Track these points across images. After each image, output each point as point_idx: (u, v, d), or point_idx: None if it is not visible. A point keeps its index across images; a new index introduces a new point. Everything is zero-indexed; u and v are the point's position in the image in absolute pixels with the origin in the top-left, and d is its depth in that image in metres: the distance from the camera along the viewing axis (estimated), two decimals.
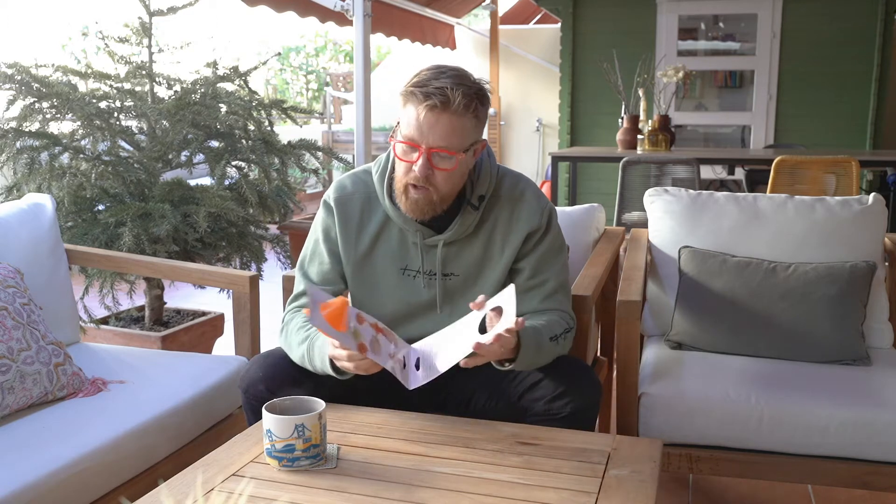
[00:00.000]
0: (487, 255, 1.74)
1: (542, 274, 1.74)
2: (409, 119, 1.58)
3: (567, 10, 7.02)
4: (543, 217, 1.74)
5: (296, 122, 3.36)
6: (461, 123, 1.57)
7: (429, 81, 1.56)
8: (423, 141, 1.57)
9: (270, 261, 3.37)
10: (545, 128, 8.41)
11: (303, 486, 1.37)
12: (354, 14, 4.52)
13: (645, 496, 1.34)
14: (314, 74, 12.73)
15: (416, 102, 1.56)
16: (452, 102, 1.54)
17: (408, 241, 1.74)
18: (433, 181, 1.60)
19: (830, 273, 2.17)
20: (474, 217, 1.71)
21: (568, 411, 1.62)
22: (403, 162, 1.62)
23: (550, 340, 1.63)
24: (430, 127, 1.56)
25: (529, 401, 1.66)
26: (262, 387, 1.68)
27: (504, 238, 1.73)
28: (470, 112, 1.58)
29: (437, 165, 1.59)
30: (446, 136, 1.57)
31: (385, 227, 1.75)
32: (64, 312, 2.27)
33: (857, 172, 4.32)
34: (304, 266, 1.82)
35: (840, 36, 6.49)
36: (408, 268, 1.75)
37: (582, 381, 1.66)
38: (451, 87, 1.54)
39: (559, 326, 1.68)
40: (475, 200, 1.70)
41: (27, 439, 1.68)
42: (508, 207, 1.73)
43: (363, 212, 1.76)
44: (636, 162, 4.69)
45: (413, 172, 1.60)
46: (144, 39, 3.04)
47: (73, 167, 2.86)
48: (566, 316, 1.74)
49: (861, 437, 1.85)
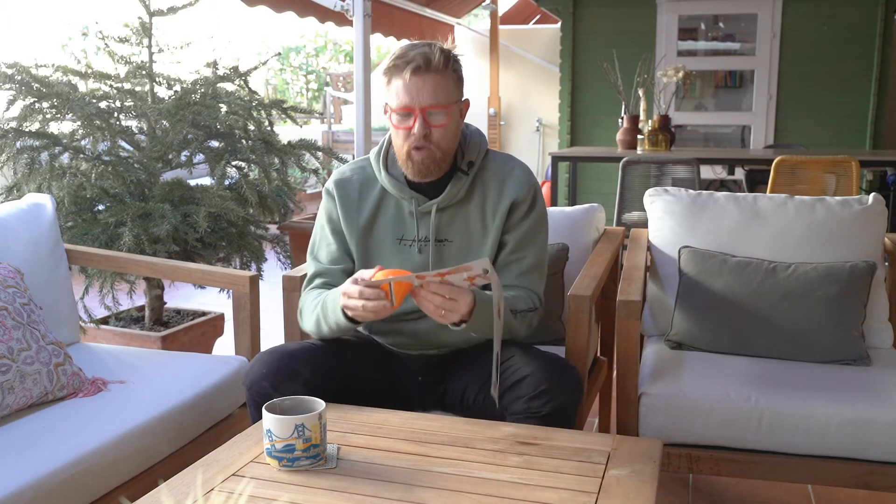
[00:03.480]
0: (479, 223, 1.83)
1: (523, 250, 1.84)
2: (398, 90, 1.71)
3: (567, 10, 7.02)
4: (530, 191, 1.84)
5: (296, 122, 3.36)
6: (444, 80, 1.72)
7: (406, 52, 1.71)
8: (415, 103, 1.70)
9: (270, 261, 3.37)
10: (545, 128, 8.41)
11: (303, 486, 1.37)
12: (354, 14, 4.52)
13: (645, 496, 1.34)
14: (314, 74, 12.74)
15: (399, 72, 1.70)
16: (433, 60, 1.69)
17: (404, 212, 1.84)
18: (432, 138, 1.73)
19: (830, 273, 2.17)
20: (465, 182, 1.81)
21: (547, 411, 1.63)
22: (401, 130, 1.74)
23: (512, 312, 1.73)
24: (418, 89, 1.69)
25: (510, 399, 1.67)
26: (265, 383, 1.69)
27: (494, 207, 1.82)
28: (450, 68, 1.73)
29: (432, 123, 1.72)
30: (435, 93, 1.70)
31: (382, 201, 1.85)
32: (64, 312, 2.27)
33: (857, 172, 4.32)
34: (315, 251, 1.93)
35: (840, 36, 6.49)
36: (404, 237, 1.84)
37: (562, 381, 1.66)
38: (429, 48, 1.70)
39: (523, 303, 1.79)
40: (464, 166, 1.82)
41: (27, 439, 1.68)
42: (498, 179, 1.84)
43: (361, 190, 1.87)
44: (636, 162, 4.69)
45: (413, 135, 1.72)
46: (144, 39, 3.04)
47: (73, 167, 2.86)
48: (534, 296, 1.83)
49: (861, 437, 1.85)
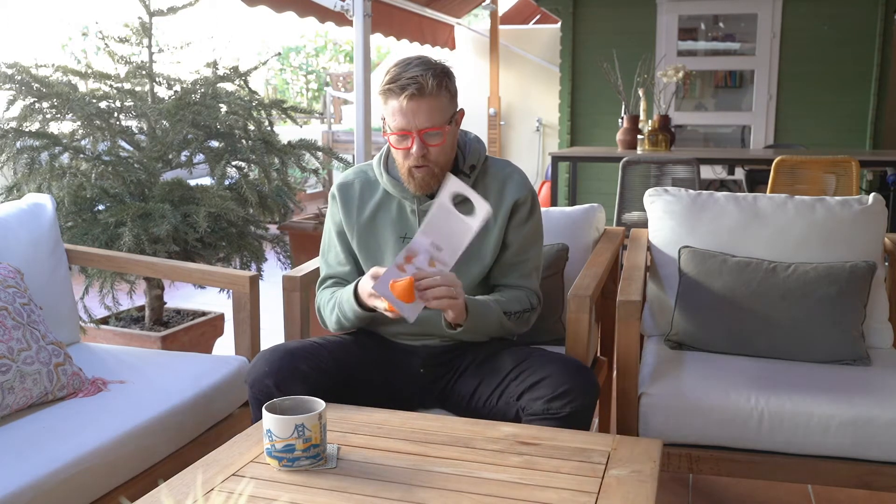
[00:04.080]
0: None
1: (526, 253, 1.91)
2: (394, 112, 1.75)
3: (567, 10, 7.02)
4: (529, 193, 1.91)
5: (296, 122, 3.36)
6: (438, 102, 1.75)
7: (400, 75, 1.73)
8: (411, 127, 1.75)
9: (270, 261, 3.37)
10: (545, 128, 8.40)
11: (303, 486, 1.37)
12: (354, 14, 4.52)
13: (645, 496, 1.34)
14: (314, 74, 12.74)
15: (395, 96, 1.74)
16: (426, 87, 1.72)
17: (406, 211, 1.89)
18: (430, 158, 1.78)
19: (830, 273, 2.17)
20: (467, 183, 1.82)
21: (567, 412, 1.65)
22: (400, 150, 1.79)
23: (505, 315, 1.82)
24: (413, 113, 1.73)
25: (529, 400, 1.68)
26: (268, 382, 1.70)
27: (496, 207, 1.87)
28: (443, 90, 1.76)
29: (429, 143, 1.76)
30: (430, 117, 1.74)
31: (384, 201, 1.91)
32: (64, 312, 2.27)
33: (857, 172, 4.32)
34: (325, 254, 2.01)
35: (840, 36, 6.49)
36: (407, 235, 1.88)
37: (582, 383, 1.68)
38: (422, 74, 1.72)
39: (519, 304, 1.86)
40: (466, 169, 1.88)
41: (27, 439, 1.68)
42: (498, 181, 1.90)
43: (363, 191, 1.94)
44: (636, 162, 4.69)
45: (411, 156, 1.77)
46: (144, 39, 3.04)
47: (73, 167, 2.86)
48: (533, 295, 1.91)
49: (861, 437, 1.85)
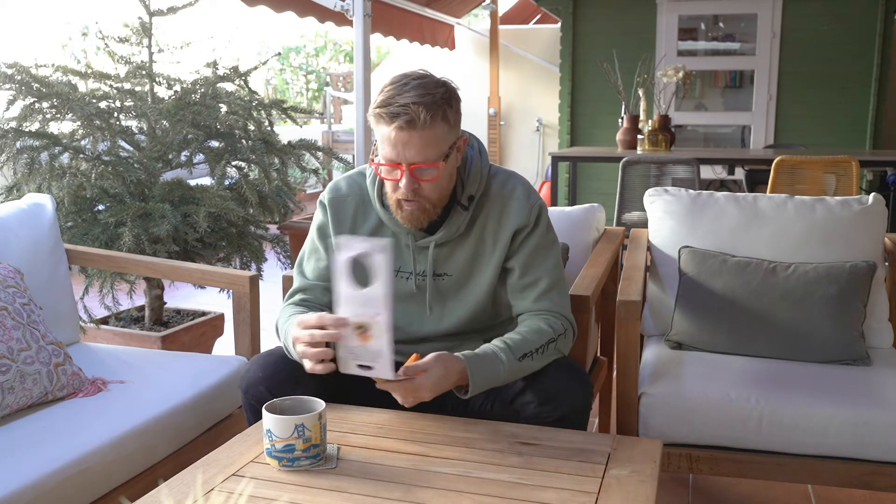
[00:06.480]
0: (479, 254, 1.74)
1: (534, 272, 1.72)
2: (384, 139, 1.57)
3: (567, 10, 7.02)
4: (532, 214, 1.72)
5: (296, 122, 3.36)
6: (433, 135, 1.56)
7: (392, 99, 1.54)
8: (401, 159, 1.57)
9: (270, 261, 3.37)
10: (545, 128, 8.40)
11: (303, 486, 1.37)
12: (354, 14, 4.52)
13: (645, 496, 1.34)
14: (314, 74, 12.74)
15: (385, 123, 1.56)
16: (418, 120, 1.53)
17: (401, 244, 1.75)
18: (421, 193, 1.61)
19: (830, 273, 2.17)
20: (464, 217, 1.70)
21: (558, 415, 1.62)
22: (389, 181, 1.63)
23: (523, 358, 1.61)
24: (403, 146, 1.55)
25: (521, 404, 1.66)
26: (262, 387, 1.67)
27: (494, 236, 1.72)
28: (438, 121, 1.56)
29: (420, 178, 1.59)
30: (422, 151, 1.56)
31: (378, 231, 1.75)
32: (64, 312, 2.27)
33: (857, 172, 4.32)
34: (302, 264, 1.83)
35: (840, 36, 6.49)
36: (401, 270, 1.75)
37: (572, 385, 1.65)
38: (414, 103, 1.52)
39: (538, 338, 1.65)
40: (465, 201, 1.70)
41: (27, 439, 1.68)
42: (498, 205, 1.72)
43: (356, 215, 1.77)
44: (636, 162, 4.69)
45: (400, 189, 1.60)
46: (144, 39, 3.04)
47: (73, 167, 2.86)
48: (560, 318, 1.71)
49: (861, 437, 1.85)
